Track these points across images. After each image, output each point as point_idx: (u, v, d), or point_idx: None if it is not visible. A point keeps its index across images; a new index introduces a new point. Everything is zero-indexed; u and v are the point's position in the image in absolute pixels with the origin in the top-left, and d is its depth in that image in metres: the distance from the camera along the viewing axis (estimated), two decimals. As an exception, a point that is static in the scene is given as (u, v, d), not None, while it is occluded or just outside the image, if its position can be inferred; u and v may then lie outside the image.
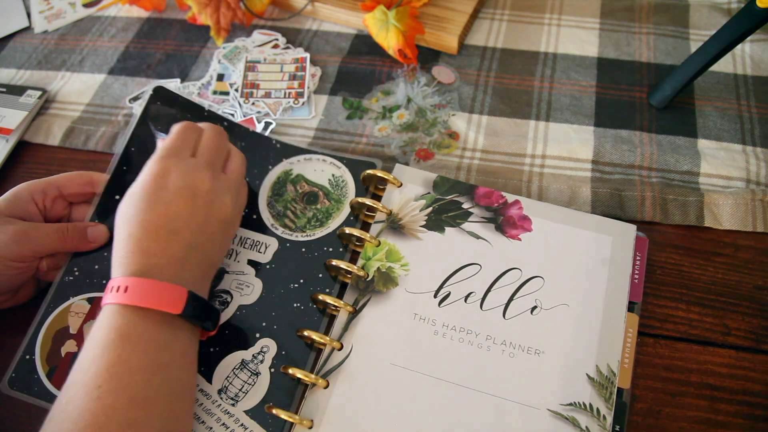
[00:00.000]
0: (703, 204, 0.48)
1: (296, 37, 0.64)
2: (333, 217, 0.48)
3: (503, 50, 0.61)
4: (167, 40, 0.65)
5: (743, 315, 0.44)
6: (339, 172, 0.50)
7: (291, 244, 0.47)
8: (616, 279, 0.44)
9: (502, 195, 0.48)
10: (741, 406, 0.41)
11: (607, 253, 0.45)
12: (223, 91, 0.60)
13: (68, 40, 0.67)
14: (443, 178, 0.49)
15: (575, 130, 0.54)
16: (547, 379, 0.41)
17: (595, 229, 0.46)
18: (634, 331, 0.43)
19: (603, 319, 0.42)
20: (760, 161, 0.51)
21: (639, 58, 0.59)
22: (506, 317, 0.43)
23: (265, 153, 0.51)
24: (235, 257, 0.46)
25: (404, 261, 0.46)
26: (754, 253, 0.47)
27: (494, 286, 0.44)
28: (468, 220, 0.47)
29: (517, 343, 0.42)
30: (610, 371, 0.41)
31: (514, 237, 0.46)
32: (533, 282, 0.44)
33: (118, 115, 0.59)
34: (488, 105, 0.57)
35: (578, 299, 0.43)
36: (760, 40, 0.59)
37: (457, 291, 0.44)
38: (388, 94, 0.58)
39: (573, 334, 0.42)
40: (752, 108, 0.55)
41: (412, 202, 0.48)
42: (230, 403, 0.41)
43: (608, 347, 0.41)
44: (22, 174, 0.55)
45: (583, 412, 0.39)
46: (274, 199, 0.49)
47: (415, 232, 0.47)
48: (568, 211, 0.47)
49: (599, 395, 0.40)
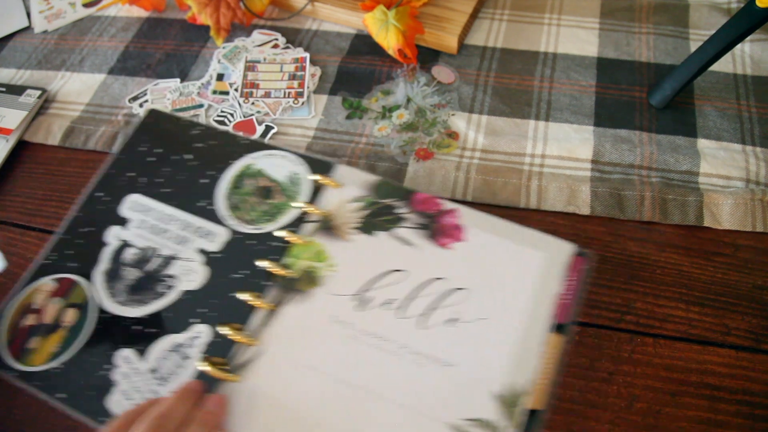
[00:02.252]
0: (702, 204, 0.48)
1: (296, 37, 0.64)
2: (283, 213, 0.49)
3: (503, 50, 0.61)
4: (167, 39, 0.65)
5: (743, 315, 0.44)
6: (297, 170, 0.51)
7: (241, 236, 0.48)
8: (542, 298, 0.43)
9: (439, 202, 0.47)
10: (741, 406, 0.40)
11: (538, 271, 0.44)
12: (222, 90, 0.60)
13: (68, 40, 0.67)
14: (383, 182, 0.49)
15: (575, 129, 0.54)
16: (453, 393, 0.40)
17: (530, 245, 0.45)
18: (556, 353, 0.41)
19: (521, 338, 0.41)
20: (759, 161, 0.51)
21: (639, 58, 0.59)
22: (424, 327, 0.42)
23: (230, 149, 0.52)
24: (186, 244, 0.48)
25: (331, 262, 0.45)
26: (753, 253, 0.47)
27: (417, 295, 0.44)
28: (401, 225, 0.46)
29: (430, 354, 0.41)
30: (519, 391, 0.39)
31: (445, 245, 0.45)
32: (457, 293, 0.43)
33: (118, 114, 0.59)
34: (488, 105, 0.57)
35: (499, 314, 0.42)
36: (760, 40, 0.59)
37: (379, 296, 0.44)
38: (388, 94, 0.58)
39: (487, 350, 0.41)
40: (752, 108, 0.55)
41: (348, 204, 0.48)
42: (159, 383, 0.42)
43: (521, 366, 0.40)
44: (21, 174, 0.55)
45: (483, 429, 0.38)
46: (232, 192, 0.50)
47: (345, 234, 0.47)
48: (507, 223, 0.46)
49: (503, 414, 0.39)
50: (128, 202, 0.50)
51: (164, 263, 0.47)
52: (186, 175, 0.51)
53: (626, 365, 0.42)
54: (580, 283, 0.43)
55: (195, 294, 0.46)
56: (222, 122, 0.57)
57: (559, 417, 0.41)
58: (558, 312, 0.42)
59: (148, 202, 0.50)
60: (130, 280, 0.46)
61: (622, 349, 0.43)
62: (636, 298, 0.45)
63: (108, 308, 0.45)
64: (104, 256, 0.48)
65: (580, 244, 0.48)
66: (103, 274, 0.47)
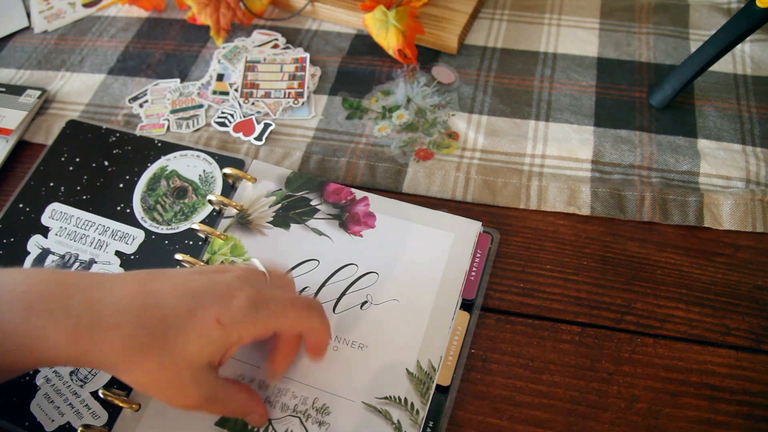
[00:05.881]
0: (702, 204, 0.48)
1: (296, 37, 0.64)
2: (198, 212, 0.50)
3: (503, 50, 0.61)
4: (167, 40, 0.65)
5: (743, 315, 0.44)
6: (210, 168, 0.52)
7: (156, 237, 0.50)
8: (451, 276, 0.45)
9: (351, 192, 0.49)
10: (741, 406, 0.40)
11: (447, 251, 0.45)
12: (222, 91, 0.60)
13: (68, 40, 0.67)
14: (296, 175, 0.50)
15: (575, 129, 0.54)
16: (367, 373, 0.42)
17: (438, 226, 0.47)
18: (462, 329, 0.43)
19: (431, 316, 0.43)
20: (760, 161, 0.51)
21: (639, 58, 0.59)
22: (336, 311, 0.44)
23: (146, 152, 0.54)
24: (104, 248, 0.49)
25: (247, 256, 0.47)
26: (753, 253, 0.47)
27: (329, 281, 0.45)
28: (314, 216, 0.48)
29: (343, 337, 0.43)
30: (430, 367, 0.41)
31: (356, 233, 0.47)
32: (367, 277, 0.45)
33: (117, 115, 0.59)
34: (488, 105, 0.57)
35: (409, 295, 0.44)
36: (760, 40, 0.59)
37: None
38: (388, 94, 0.58)
39: (399, 330, 0.43)
40: (752, 108, 0.55)
41: (263, 198, 0.50)
42: (79, 384, 0.43)
43: (431, 343, 0.42)
44: (21, 174, 0.55)
45: (396, 406, 0.40)
46: (147, 194, 0.52)
47: (261, 228, 0.48)
48: (416, 207, 0.48)
49: (415, 390, 0.41)
50: (48, 210, 0.52)
51: (84, 268, 0.49)
52: (104, 181, 0.53)
53: (626, 365, 0.42)
54: (485, 261, 0.46)
55: None
56: (222, 123, 0.57)
57: (559, 417, 0.41)
58: (465, 289, 0.44)
59: (67, 210, 0.52)
60: None
61: (622, 350, 0.43)
62: (636, 298, 0.45)
63: None
64: (26, 265, 0.49)
65: (580, 244, 0.48)
66: None
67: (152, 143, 0.55)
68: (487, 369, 0.43)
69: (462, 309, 0.44)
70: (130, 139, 0.56)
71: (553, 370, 0.43)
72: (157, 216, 0.51)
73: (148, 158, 0.54)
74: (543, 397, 0.42)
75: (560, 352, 0.43)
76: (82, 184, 0.53)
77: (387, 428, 0.39)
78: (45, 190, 0.53)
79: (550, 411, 0.41)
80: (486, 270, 0.46)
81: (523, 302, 0.46)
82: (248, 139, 0.56)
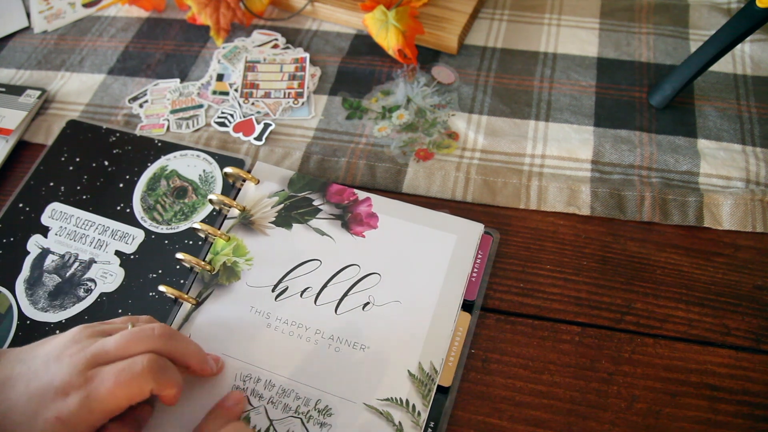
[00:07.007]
0: (702, 204, 0.48)
1: (296, 37, 0.64)
2: (197, 212, 0.51)
3: (503, 50, 0.61)
4: (167, 40, 0.65)
5: (743, 315, 0.44)
6: (210, 168, 0.53)
7: (156, 236, 0.50)
8: (453, 278, 0.45)
9: (354, 192, 0.49)
10: (741, 406, 0.41)
11: (449, 252, 0.46)
12: (222, 91, 0.60)
13: (68, 40, 0.67)
14: (299, 176, 0.51)
15: (575, 130, 0.54)
16: (369, 374, 0.42)
17: (440, 228, 0.47)
18: (464, 330, 0.43)
19: (433, 317, 0.43)
20: (759, 161, 0.51)
21: (639, 58, 0.59)
22: (338, 312, 0.44)
23: (146, 152, 0.54)
24: (104, 248, 0.49)
25: (249, 256, 0.47)
26: (753, 253, 0.47)
27: (331, 282, 0.45)
28: (316, 216, 0.49)
29: (344, 338, 0.43)
30: (432, 369, 0.41)
31: (359, 234, 0.47)
32: (370, 278, 0.45)
33: (117, 115, 0.59)
34: (488, 105, 0.57)
35: (412, 296, 0.44)
36: (760, 40, 0.59)
37: (295, 286, 0.46)
38: (388, 94, 0.58)
39: (401, 331, 0.43)
40: (752, 108, 0.55)
41: (266, 199, 0.50)
42: None
43: (433, 345, 0.42)
44: (21, 174, 0.55)
45: (398, 408, 0.40)
46: (147, 194, 0.52)
47: (263, 228, 0.48)
48: (418, 209, 0.48)
49: (417, 392, 0.41)
50: (48, 210, 0.52)
51: (83, 268, 0.49)
52: (104, 181, 0.53)
53: (626, 365, 0.42)
54: (486, 261, 0.46)
55: (112, 295, 0.47)
56: (222, 123, 0.57)
57: (559, 417, 0.41)
58: (466, 290, 0.44)
59: (67, 210, 0.52)
60: (51, 286, 0.48)
61: (622, 350, 0.43)
62: (636, 298, 0.45)
63: (29, 315, 0.47)
64: (25, 265, 0.49)
65: (580, 244, 0.48)
66: (24, 282, 0.48)
67: (152, 143, 0.55)
68: (487, 369, 0.43)
69: (462, 309, 0.44)
70: (130, 139, 0.56)
71: (553, 370, 0.43)
72: (157, 216, 0.51)
73: (148, 158, 0.54)
74: (543, 397, 0.42)
75: (560, 352, 0.43)
76: (82, 184, 0.53)
77: (388, 430, 0.40)
78: (45, 190, 0.53)
79: (550, 411, 0.41)
80: (486, 270, 0.46)
81: (523, 302, 0.46)
82: (248, 139, 0.56)
